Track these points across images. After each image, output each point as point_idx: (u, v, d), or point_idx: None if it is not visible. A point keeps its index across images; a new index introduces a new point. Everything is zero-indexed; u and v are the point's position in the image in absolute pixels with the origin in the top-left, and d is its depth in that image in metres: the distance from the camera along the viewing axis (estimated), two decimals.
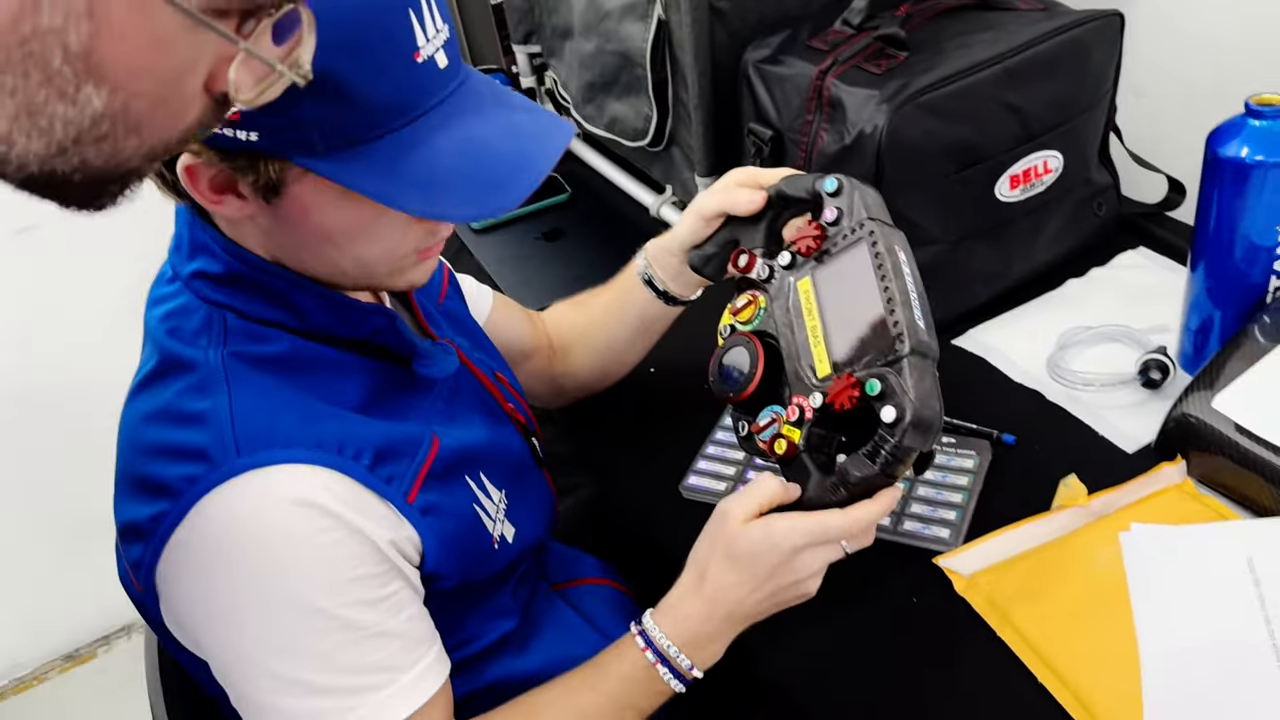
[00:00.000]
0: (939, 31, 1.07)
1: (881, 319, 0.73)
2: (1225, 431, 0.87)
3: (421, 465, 0.73)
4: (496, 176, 0.65)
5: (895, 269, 0.74)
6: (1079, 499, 0.87)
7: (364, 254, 0.70)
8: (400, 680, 0.69)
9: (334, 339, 0.73)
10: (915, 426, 0.69)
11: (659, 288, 0.98)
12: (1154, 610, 0.79)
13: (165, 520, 0.65)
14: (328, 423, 0.69)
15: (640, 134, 1.33)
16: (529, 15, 1.55)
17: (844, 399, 0.72)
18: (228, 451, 0.65)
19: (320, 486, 0.66)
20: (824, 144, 1.06)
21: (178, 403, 0.68)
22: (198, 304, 0.71)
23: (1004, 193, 1.07)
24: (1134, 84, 1.37)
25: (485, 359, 0.90)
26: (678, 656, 0.76)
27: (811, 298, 0.80)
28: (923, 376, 0.71)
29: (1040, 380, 1.03)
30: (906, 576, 0.86)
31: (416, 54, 0.62)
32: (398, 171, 0.62)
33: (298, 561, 0.65)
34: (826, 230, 0.80)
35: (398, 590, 0.70)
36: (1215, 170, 0.92)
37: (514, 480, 0.84)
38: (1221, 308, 0.97)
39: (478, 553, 0.77)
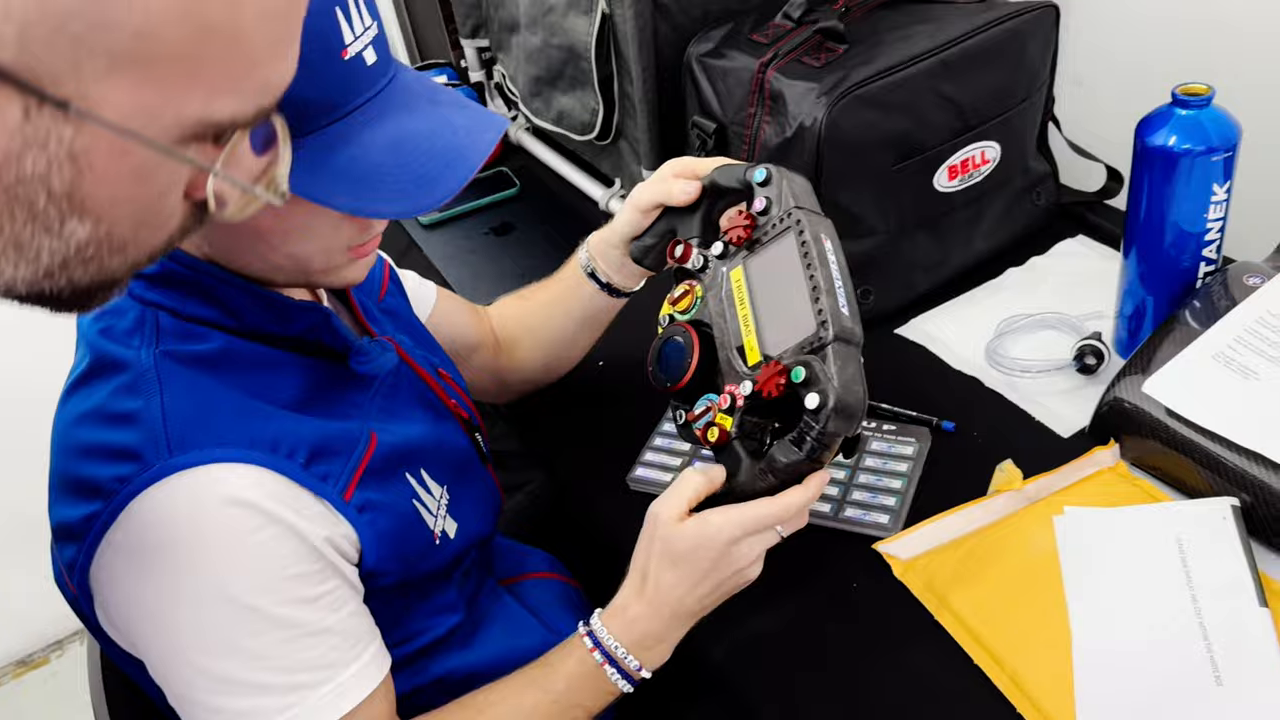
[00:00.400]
0: (877, 24, 1.08)
1: (807, 307, 0.74)
2: (1156, 415, 0.89)
3: (358, 463, 0.73)
4: (426, 172, 0.65)
5: (820, 257, 0.75)
6: (1014, 483, 0.89)
7: (297, 251, 0.70)
8: (339, 677, 0.69)
9: (269, 337, 0.73)
10: (838, 412, 0.70)
11: (601, 280, 0.99)
12: (1085, 591, 0.81)
13: (97, 521, 0.64)
14: (261, 421, 0.69)
15: (587, 128, 1.33)
16: (476, 9, 1.54)
17: (771, 387, 0.74)
18: (160, 451, 0.64)
19: (253, 484, 0.66)
20: (766, 137, 1.07)
21: (110, 403, 0.67)
22: (130, 303, 0.71)
23: (942, 183, 1.09)
24: (1074, 73, 1.39)
25: (427, 355, 0.90)
26: (626, 657, 0.77)
27: (743, 287, 0.81)
28: (846, 363, 0.72)
29: (979, 368, 1.05)
30: (847, 562, 0.88)
31: (344, 51, 0.62)
32: (326, 169, 0.62)
33: (231, 560, 0.65)
34: (756, 220, 0.82)
35: (335, 588, 0.70)
36: (1144, 159, 0.94)
37: (456, 476, 0.84)
38: (1154, 294, 0.99)
39: (418, 549, 0.77)
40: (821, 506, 0.92)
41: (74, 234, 0.43)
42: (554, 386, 1.10)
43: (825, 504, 0.92)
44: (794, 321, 0.75)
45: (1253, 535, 0.82)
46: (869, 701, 0.78)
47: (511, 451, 1.35)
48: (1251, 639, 0.74)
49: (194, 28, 0.40)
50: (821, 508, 0.92)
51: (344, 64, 0.62)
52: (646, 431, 1.05)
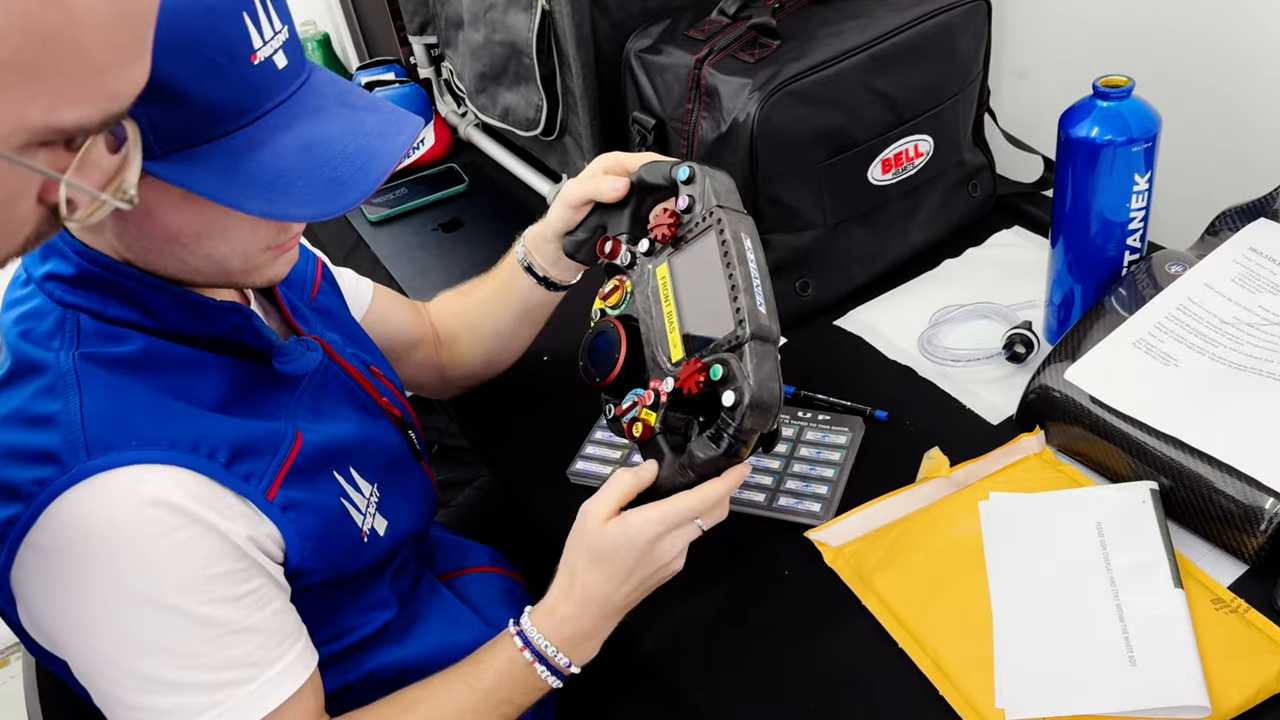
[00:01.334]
0: (810, 20, 1.09)
1: (726, 306, 0.76)
2: (1080, 401, 0.91)
3: (282, 462, 0.73)
4: (338, 175, 0.65)
5: (740, 256, 0.76)
6: (942, 470, 0.91)
7: (214, 253, 0.70)
8: (264, 675, 0.70)
9: (191, 338, 0.73)
10: (754, 409, 0.71)
11: (538, 274, 1.00)
12: (1007, 575, 0.83)
13: (16, 524, 0.64)
14: (182, 422, 0.69)
15: (532, 124, 1.34)
16: (423, 6, 1.54)
17: (691, 384, 0.75)
18: (78, 453, 0.64)
19: (172, 484, 0.66)
20: (703, 132, 1.08)
21: (29, 406, 0.67)
22: (51, 306, 0.71)
23: (876, 177, 1.10)
24: (1016, 66, 1.41)
25: (359, 354, 0.90)
26: (556, 655, 0.79)
27: (668, 284, 0.82)
28: (762, 361, 0.73)
29: (913, 357, 1.06)
30: (779, 550, 0.89)
31: (253, 56, 0.62)
32: (237, 172, 0.63)
33: (152, 561, 0.65)
34: (680, 218, 0.83)
35: (259, 586, 0.70)
36: (1068, 150, 0.95)
37: (387, 474, 0.84)
38: (1081, 282, 1.01)
39: (345, 547, 0.78)
40: (755, 496, 0.93)
41: None
42: (497, 381, 1.11)
43: (759, 493, 0.93)
44: (714, 319, 0.77)
45: (1171, 518, 0.84)
46: (797, 687, 0.80)
47: (462, 446, 1.36)
48: (1165, 620, 0.76)
49: (27, 36, 0.39)
50: (755, 497, 0.93)
51: (253, 69, 0.63)
52: (588, 426, 1.06)
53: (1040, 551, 0.84)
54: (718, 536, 0.91)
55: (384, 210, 1.47)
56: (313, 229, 1.50)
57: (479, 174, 1.54)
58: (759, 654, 0.83)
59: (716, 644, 0.84)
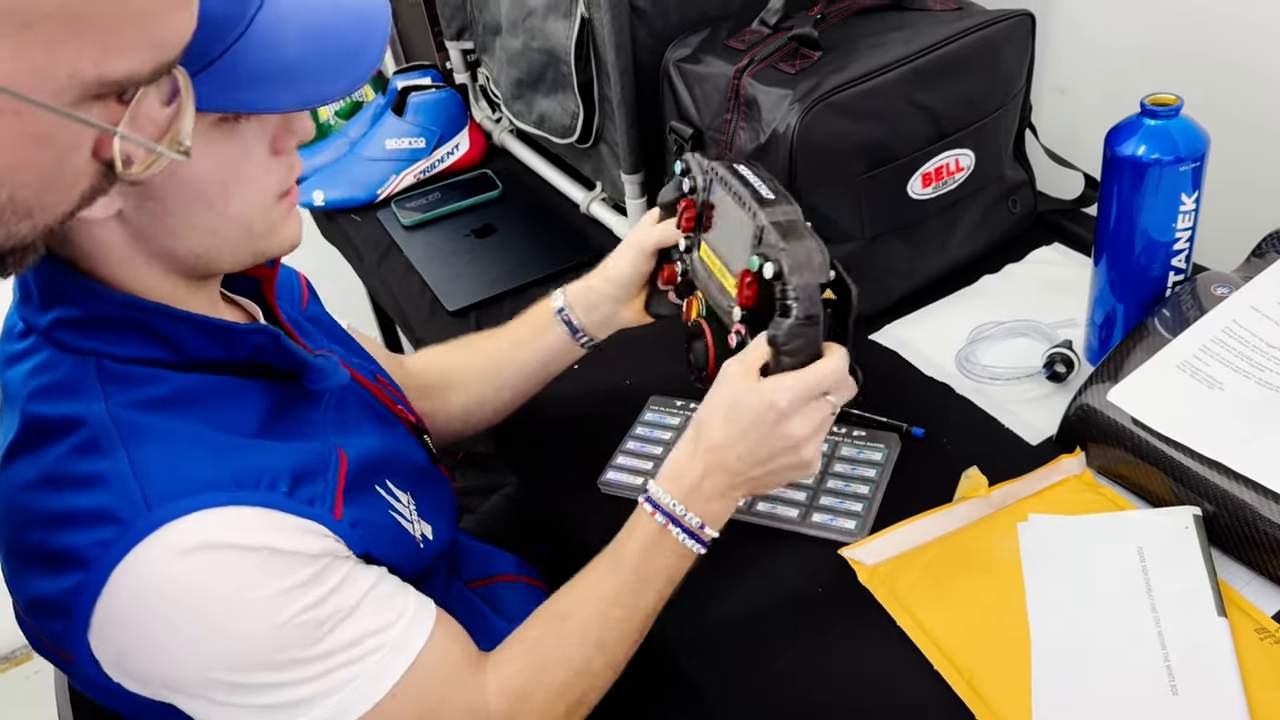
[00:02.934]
0: (852, 31, 1.09)
1: (743, 219, 0.79)
2: (1121, 423, 0.89)
3: (336, 481, 0.72)
4: (348, 45, 0.65)
5: (740, 180, 0.81)
6: (980, 490, 0.90)
7: (240, 207, 0.68)
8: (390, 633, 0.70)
9: (214, 365, 0.71)
10: (795, 267, 0.74)
11: (576, 326, 0.99)
12: (1046, 599, 0.81)
13: (83, 592, 0.62)
14: (237, 456, 0.67)
15: (568, 131, 1.33)
16: (461, 11, 1.55)
17: (747, 294, 0.78)
18: (137, 508, 0.62)
19: (241, 522, 0.64)
20: (741, 142, 1.08)
21: (67, 466, 0.64)
22: (62, 356, 0.67)
23: (916, 190, 1.09)
24: (1057, 82, 1.40)
25: (363, 363, 0.89)
26: (685, 515, 0.79)
27: (710, 254, 0.86)
28: (788, 229, 0.76)
29: (950, 374, 1.05)
30: (813, 567, 0.88)
31: None
32: (254, 76, 0.61)
33: (241, 600, 0.63)
34: (692, 201, 0.87)
35: (350, 570, 0.69)
36: (1114, 168, 0.94)
37: (417, 481, 0.84)
38: (1124, 302, 1.00)
39: (407, 555, 0.77)
40: (788, 511, 0.92)
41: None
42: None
43: (792, 509, 0.92)
44: (743, 240, 0.79)
45: (1214, 544, 0.82)
46: (831, 706, 0.79)
47: (488, 453, 1.36)
48: (1208, 649, 0.75)
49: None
50: (788, 513, 0.92)
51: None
52: (619, 435, 1.05)
53: (1080, 576, 0.82)
54: (749, 552, 0.91)
55: (417, 215, 1.47)
56: (347, 233, 1.50)
57: (512, 180, 1.54)
58: (791, 672, 0.82)
59: (747, 660, 0.83)
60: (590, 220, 1.42)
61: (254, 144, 0.68)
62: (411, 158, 1.53)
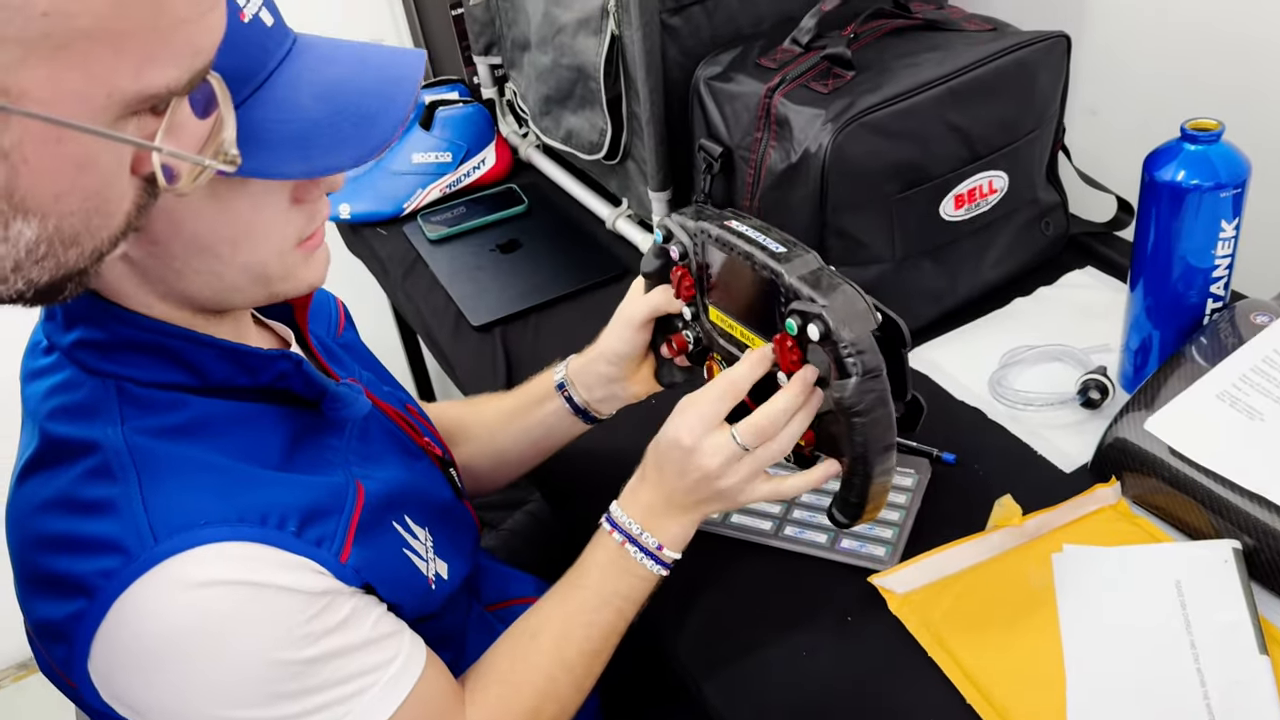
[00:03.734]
0: (885, 51, 1.08)
1: (759, 279, 0.76)
2: (1158, 453, 0.87)
3: (350, 519, 0.70)
4: (365, 110, 0.62)
5: (736, 236, 0.77)
6: (1013, 519, 0.88)
7: (251, 259, 0.66)
8: (388, 671, 0.69)
9: (237, 390, 0.70)
10: (842, 321, 0.70)
11: (576, 402, 0.96)
12: (1082, 632, 0.79)
13: (85, 620, 0.61)
14: (247, 491, 0.65)
15: (595, 147, 1.33)
16: (489, 27, 1.55)
17: (789, 358, 0.74)
18: (143, 540, 0.61)
19: (245, 559, 0.63)
20: (772, 161, 1.07)
21: (78, 490, 0.63)
22: (83, 377, 0.66)
23: (949, 212, 1.08)
24: (1088, 103, 1.38)
25: (392, 392, 0.88)
26: (641, 534, 0.80)
27: (724, 317, 0.83)
28: (816, 280, 0.72)
29: (982, 398, 1.04)
30: (842, 594, 0.87)
31: (241, 14, 0.59)
32: (264, 139, 0.59)
33: (241, 636, 0.63)
34: (685, 268, 0.84)
35: (354, 608, 0.68)
36: (1152, 193, 0.93)
37: (438, 517, 0.82)
38: (1160, 328, 0.98)
39: (416, 597, 0.76)
40: (817, 536, 0.91)
41: (21, 236, 0.40)
42: None
43: (820, 534, 0.91)
44: (765, 300, 0.76)
45: (1254, 579, 0.81)
46: None
47: None
48: (1250, 687, 0.73)
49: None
50: (817, 538, 0.91)
51: (246, 27, 0.59)
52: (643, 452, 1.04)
53: (1116, 609, 0.81)
54: (776, 578, 0.89)
55: (443, 229, 1.47)
56: (373, 247, 1.50)
57: (538, 195, 1.53)
58: (818, 702, 0.80)
59: (774, 689, 0.82)
60: (616, 236, 1.41)
61: (267, 198, 0.65)
62: (438, 172, 1.53)
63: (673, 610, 0.88)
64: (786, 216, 1.08)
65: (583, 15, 1.23)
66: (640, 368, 0.93)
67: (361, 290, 1.46)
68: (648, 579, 0.81)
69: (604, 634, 0.81)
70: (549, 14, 1.30)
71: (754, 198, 1.11)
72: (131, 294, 0.66)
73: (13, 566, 0.69)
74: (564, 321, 1.29)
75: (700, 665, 0.84)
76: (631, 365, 0.92)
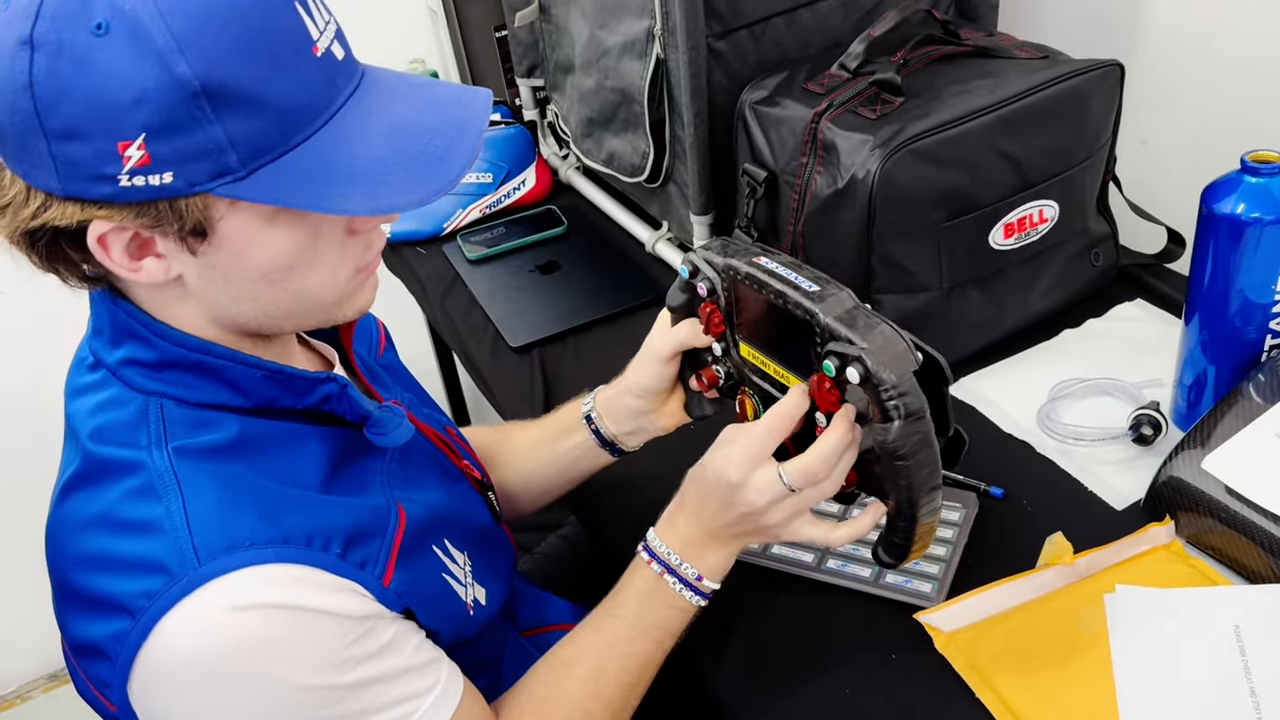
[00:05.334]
0: (935, 78, 1.06)
1: (791, 318, 0.74)
2: (1215, 493, 0.85)
3: (393, 542, 0.70)
4: (433, 151, 0.62)
5: (766, 274, 0.76)
6: (1064, 557, 0.86)
7: (306, 285, 0.66)
8: (428, 699, 0.69)
9: (281, 411, 0.70)
10: (882, 363, 0.68)
11: (604, 435, 0.94)
12: (1137, 677, 0.77)
13: (127, 640, 0.61)
14: (291, 512, 0.65)
15: (637, 170, 1.32)
16: (533, 49, 1.55)
17: (827, 399, 0.72)
18: (186, 561, 0.61)
19: (290, 581, 0.62)
20: (817, 187, 1.06)
21: (122, 509, 0.63)
22: (129, 394, 0.67)
23: (998, 241, 1.06)
24: (1138, 133, 1.36)
25: (432, 414, 0.87)
26: (680, 564, 0.78)
27: (755, 353, 0.81)
28: (853, 321, 0.70)
29: (1031, 432, 1.01)
30: (886, 632, 0.85)
31: (314, 48, 0.60)
32: (330, 174, 0.60)
33: (284, 660, 0.62)
34: (714, 302, 0.82)
35: (395, 634, 0.68)
36: (1210, 226, 0.90)
37: (477, 541, 0.81)
38: (1216, 364, 0.96)
39: (454, 623, 0.75)
40: (861, 570, 0.89)
41: None
42: None
43: (864, 568, 0.89)
44: (798, 339, 0.75)
45: None
46: None
47: None
48: None
49: None
50: (860, 572, 0.89)
51: (318, 61, 0.60)
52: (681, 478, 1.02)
53: (1173, 653, 0.78)
54: (819, 613, 0.88)
55: (482, 249, 1.47)
56: (413, 266, 1.50)
57: (578, 217, 1.53)
58: None
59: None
60: (655, 259, 1.41)
61: (326, 229, 0.65)
62: (478, 192, 1.53)
63: (711, 643, 0.87)
64: (831, 242, 1.06)
65: (628, 39, 1.22)
66: (668, 401, 0.91)
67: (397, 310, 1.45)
68: (686, 610, 0.79)
69: (641, 665, 0.79)
70: (594, 37, 1.30)
71: (798, 222, 1.10)
72: (182, 315, 0.67)
73: (51, 584, 0.68)
74: (603, 344, 1.28)
75: (739, 701, 0.82)
76: (659, 399, 0.91)
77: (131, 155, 0.57)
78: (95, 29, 0.55)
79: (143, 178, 0.57)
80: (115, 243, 0.61)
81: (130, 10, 0.55)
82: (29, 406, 1.75)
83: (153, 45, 0.55)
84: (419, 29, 1.75)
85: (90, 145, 0.57)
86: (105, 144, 0.56)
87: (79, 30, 0.55)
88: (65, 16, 0.55)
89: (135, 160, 0.57)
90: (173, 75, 0.55)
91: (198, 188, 0.59)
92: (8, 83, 0.56)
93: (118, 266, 0.62)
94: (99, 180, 0.58)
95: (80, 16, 0.55)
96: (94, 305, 0.70)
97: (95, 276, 0.66)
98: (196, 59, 0.56)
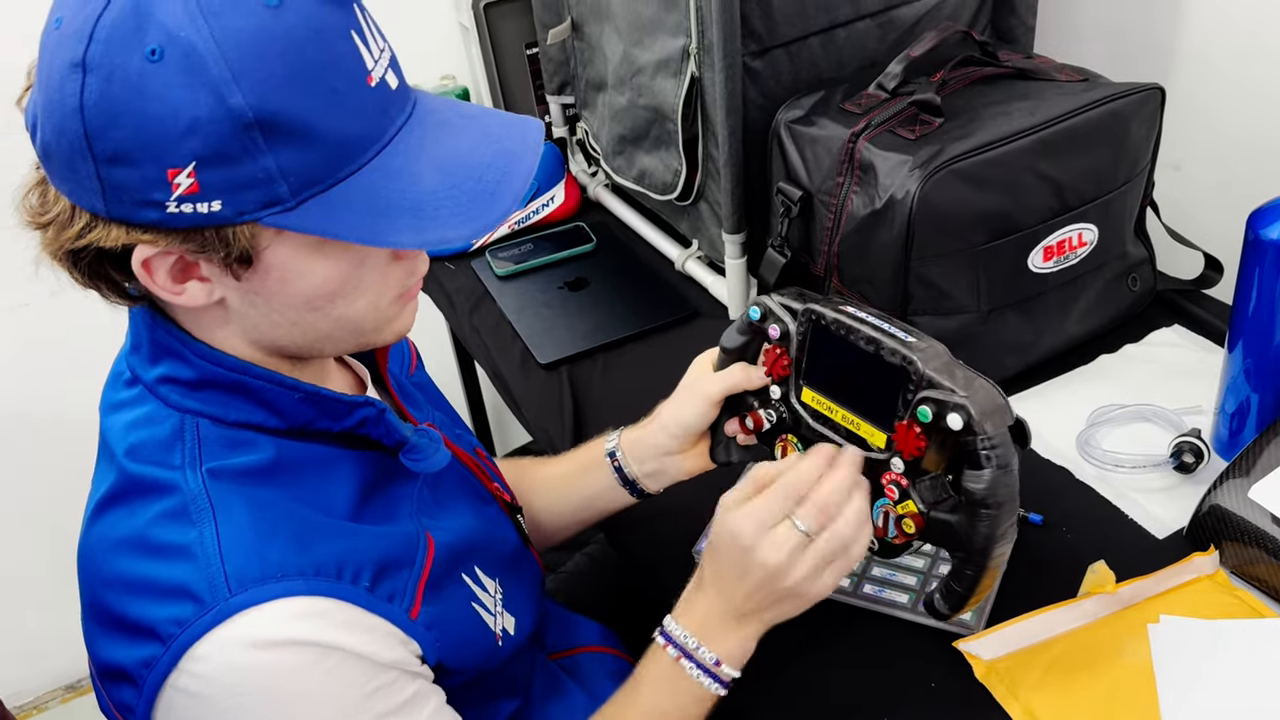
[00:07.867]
0: (975, 99, 1.06)
1: (882, 365, 0.73)
2: (1260, 523, 0.84)
3: (420, 573, 0.69)
4: (484, 185, 0.61)
5: (857, 321, 0.75)
6: (1107, 586, 0.84)
7: (348, 312, 0.65)
8: None
9: (317, 433, 0.69)
10: (984, 414, 0.69)
11: (627, 475, 0.92)
12: (1183, 708, 0.75)
13: (155, 667, 0.60)
14: (322, 542, 0.65)
15: (669, 188, 1.32)
16: (564, 66, 1.55)
17: (912, 446, 0.72)
18: (218, 590, 0.60)
19: (318, 615, 0.62)
20: (854, 207, 1.05)
21: (155, 532, 0.63)
22: (166, 412, 0.66)
23: (1037, 264, 1.05)
24: (1172, 158, 1.35)
25: (463, 435, 0.86)
26: (698, 649, 0.74)
27: (821, 399, 0.79)
28: (951, 372, 0.71)
29: (1069, 458, 1.00)
30: (925, 660, 0.83)
31: (369, 78, 0.59)
32: (379, 206, 0.59)
33: (308, 699, 0.61)
34: (783, 345, 0.81)
35: (415, 692, 0.67)
36: (1256, 251, 0.89)
37: (507, 567, 0.80)
38: (1259, 391, 0.94)
39: (483, 653, 0.74)
40: (898, 597, 0.88)
41: None
42: None
43: (902, 594, 0.88)
44: (884, 386, 0.73)
45: None
46: None
47: None
48: None
49: None
50: (898, 598, 0.87)
51: (372, 91, 0.59)
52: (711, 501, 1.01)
53: (1220, 686, 0.76)
54: (854, 638, 0.86)
55: (511, 265, 1.46)
56: (441, 281, 1.50)
57: (606, 234, 1.53)
58: None
59: None
60: (684, 277, 1.40)
61: (371, 256, 0.65)
62: None
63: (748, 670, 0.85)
64: (867, 262, 1.06)
65: (663, 56, 1.22)
66: (697, 443, 0.89)
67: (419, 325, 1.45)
68: (703, 700, 0.75)
69: None
70: (628, 55, 1.30)
71: (833, 242, 1.09)
72: (221, 336, 0.66)
73: (81, 602, 0.68)
74: (632, 362, 1.27)
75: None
76: (690, 440, 0.88)
77: (180, 183, 0.56)
78: (149, 55, 0.54)
79: (190, 205, 0.57)
80: (159, 267, 0.61)
81: (185, 38, 0.54)
82: (56, 417, 1.75)
83: (207, 74, 0.54)
84: (450, 45, 1.75)
85: (139, 171, 0.56)
86: (154, 171, 0.56)
87: (132, 55, 0.54)
88: (119, 41, 0.54)
89: (184, 188, 0.56)
90: (226, 106, 0.55)
91: (246, 217, 0.58)
92: (58, 104, 0.56)
93: (161, 290, 0.62)
94: (146, 206, 0.57)
95: (134, 41, 0.54)
96: (133, 321, 0.70)
97: (137, 295, 0.65)
98: (251, 90, 0.55)
